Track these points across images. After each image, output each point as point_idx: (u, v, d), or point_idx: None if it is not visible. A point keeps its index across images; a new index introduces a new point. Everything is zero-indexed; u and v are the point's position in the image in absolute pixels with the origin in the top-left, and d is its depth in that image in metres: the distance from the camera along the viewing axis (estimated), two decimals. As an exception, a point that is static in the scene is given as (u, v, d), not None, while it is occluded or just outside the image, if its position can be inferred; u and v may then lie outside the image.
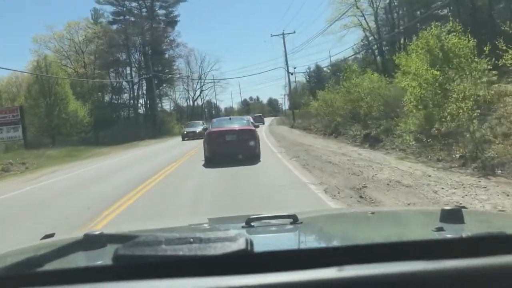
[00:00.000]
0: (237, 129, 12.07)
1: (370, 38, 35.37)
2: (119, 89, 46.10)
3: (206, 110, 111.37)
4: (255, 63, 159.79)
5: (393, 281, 0.75)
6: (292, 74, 41.95)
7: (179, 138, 30.42)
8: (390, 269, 0.76)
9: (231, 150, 11.32)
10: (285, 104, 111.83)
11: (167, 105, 60.78)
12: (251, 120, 15.31)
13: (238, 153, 11.23)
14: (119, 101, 46.77)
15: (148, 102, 48.51)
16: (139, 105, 49.86)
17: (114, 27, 45.48)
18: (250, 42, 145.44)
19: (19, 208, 7.80)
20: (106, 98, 45.42)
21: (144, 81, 47.27)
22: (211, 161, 11.33)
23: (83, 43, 40.90)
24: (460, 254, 0.79)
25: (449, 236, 1.00)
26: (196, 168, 11.20)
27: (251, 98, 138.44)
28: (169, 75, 50.63)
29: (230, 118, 14.50)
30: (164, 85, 53.31)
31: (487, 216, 1.91)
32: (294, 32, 40.97)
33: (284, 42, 38.80)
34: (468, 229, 1.13)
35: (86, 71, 40.96)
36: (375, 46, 34.51)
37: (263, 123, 49.18)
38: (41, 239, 1.52)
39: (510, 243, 0.85)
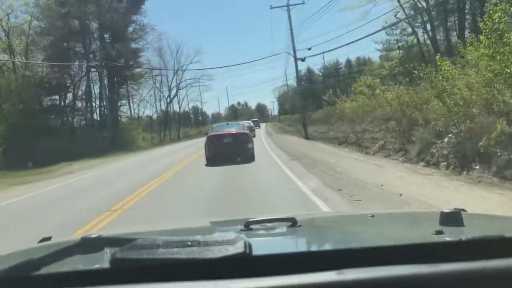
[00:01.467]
0: (233, 132, 14.25)
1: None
2: (62, 87, 34.75)
3: (192, 116, 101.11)
4: (247, 57, 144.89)
5: (393, 284, 0.76)
6: (303, 60, 29.04)
7: (145, 154, 23.43)
8: (390, 272, 0.77)
9: (228, 150, 13.33)
10: (281, 108, 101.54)
11: (134, 109, 49.80)
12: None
13: (234, 153, 13.21)
14: (71, 104, 36.20)
15: (103, 104, 37.43)
16: (93, 108, 38.51)
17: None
18: (239, 28, 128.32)
19: None
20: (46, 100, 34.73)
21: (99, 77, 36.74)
22: (211, 160, 13.31)
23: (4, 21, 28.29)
24: (460, 257, 0.81)
25: (448, 239, 1.02)
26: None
27: (239, 103, 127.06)
28: (133, 67, 40.36)
29: (227, 124, 16.79)
30: (129, 82, 42.73)
31: (486, 218, 1.88)
32: (304, 3, 28.70)
33: (289, 16, 27.55)
34: (467, 232, 1.16)
35: (11, 58, 28.26)
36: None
37: (259, 127, 52.08)
38: (38, 242, 1.53)
39: (510, 246, 0.87)
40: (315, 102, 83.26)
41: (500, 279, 0.79)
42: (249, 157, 13.36)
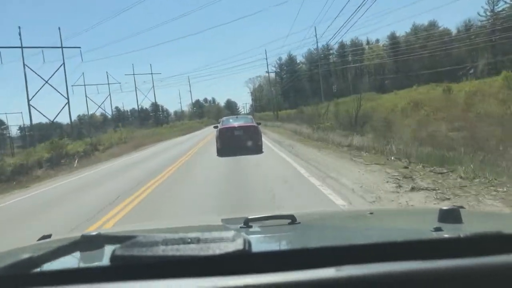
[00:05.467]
0: (243, 125, 15.60)
1: None
2: None
3: (152, 114, 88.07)
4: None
5: (391, 280, 0.78)
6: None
7: None
8: (388, 268, 0.79)
9: (238, 142, 14.75)
10: (257, 104, 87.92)
11: None
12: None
13: (244, 144, 14.57)
14: None
15: None
16: None
17: None
18: None
19: None
20: None
21: None
22: (222, 151, 14.85)
23: None
24: (458, 253, 0.83)
25: (446, 236, 1.01)
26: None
27: (205, 99, 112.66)
28: None
29: (237, 117, 18.40)
30: None
31: (485, 215, 1.96)
32: None
33: None
34: (466, 229, 1.18)
35: None
36: None
37: None
38: (38, 239, 1.56)
39: (507, 242, 0.88)
40: (302, 98, 70.23)
41: (498, 276, 0.80)
42: (258, 148, 14.84)
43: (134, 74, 64.35)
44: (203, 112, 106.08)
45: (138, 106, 67.76)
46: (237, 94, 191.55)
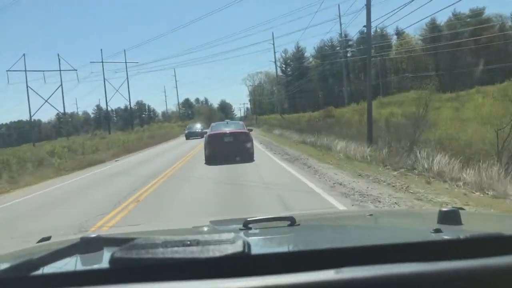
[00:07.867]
0: (233, 131, 14.88)
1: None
2: None
3: (138, 114, 74.00)
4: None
5: (391, 282, 0.78)
6: None
7: None
8: (388, 270, 0.79)
9: (228, 149, 14.12)
10: (255, 105, 73.75)
11: None
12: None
13: (235, 152, 14.04)
14: None
15: None
16: None
17: None
18: None
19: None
20: None
21: None
22: (211, 159, 14.31)
23: None
24: (458, 255, 0.83)
25: (446, 237, 1.03)
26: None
27: (197, 100, 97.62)
28: None
29: (227, 122, 17.44)
30: None
31: (484, 217, 1.93)
32: None
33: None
34: (465, 231, 1.18)
35: None
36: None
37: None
38: (38, 242, 1.56)
39: (507, 244, 0.88)
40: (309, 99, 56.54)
41: (497, 277, 0.80)
42: (249, 156, 14.28)
43: (102, 62, 49.45)
44: (193, 113, 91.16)
45: (106, 103, 53.74)
46: (233, 94, 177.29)
